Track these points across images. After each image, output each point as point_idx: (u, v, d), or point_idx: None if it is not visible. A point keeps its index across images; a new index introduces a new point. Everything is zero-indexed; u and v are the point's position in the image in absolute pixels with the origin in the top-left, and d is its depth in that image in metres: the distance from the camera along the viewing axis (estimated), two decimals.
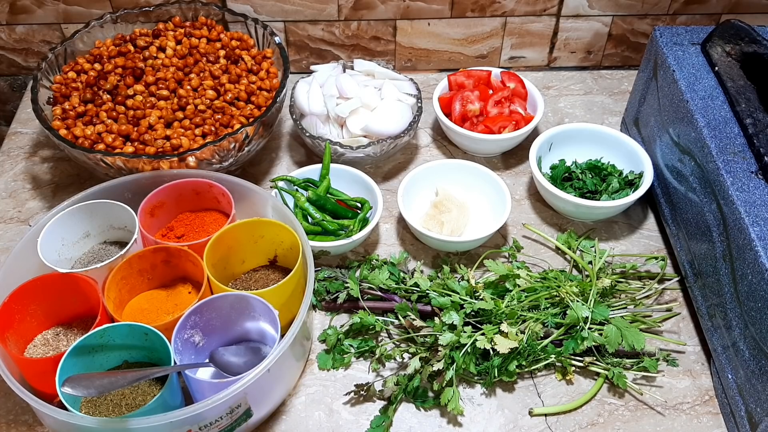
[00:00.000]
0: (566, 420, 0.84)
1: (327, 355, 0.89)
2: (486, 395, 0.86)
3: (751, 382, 0.76)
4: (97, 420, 0.70)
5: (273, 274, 0.94)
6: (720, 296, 0.83)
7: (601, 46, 1.29)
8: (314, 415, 0.84)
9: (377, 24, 1.23)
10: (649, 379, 0.87)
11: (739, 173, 0.82)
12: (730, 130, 0.88)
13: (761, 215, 0.77)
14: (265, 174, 1.13)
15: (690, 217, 0.91)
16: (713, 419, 0.84)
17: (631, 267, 0.96)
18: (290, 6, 1.20)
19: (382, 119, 1.06)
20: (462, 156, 1.15)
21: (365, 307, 0.90)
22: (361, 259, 1.00)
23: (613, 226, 1.05)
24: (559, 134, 1.08)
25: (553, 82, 1.29)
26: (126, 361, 0.83)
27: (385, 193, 1.08)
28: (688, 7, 1.23)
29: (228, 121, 1.02)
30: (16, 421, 0.83)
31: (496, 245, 1.02)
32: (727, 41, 0.98)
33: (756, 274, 0.74)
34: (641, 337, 0.84)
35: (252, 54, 1.11)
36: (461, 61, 1.30)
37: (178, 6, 1.13)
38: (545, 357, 0.86)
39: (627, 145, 1.06)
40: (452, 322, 0.85)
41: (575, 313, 0.85)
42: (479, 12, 1.22)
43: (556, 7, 1.22)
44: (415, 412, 0.84)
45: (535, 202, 1.09)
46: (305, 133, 1.06)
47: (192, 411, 0.69)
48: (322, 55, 1.28)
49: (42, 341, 0.85)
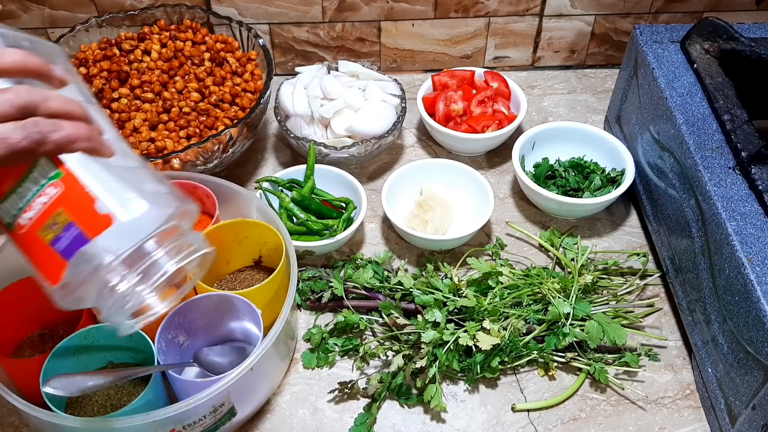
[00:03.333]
0: (549, 415, 0.84)
1: (311, 354, 0.89)
2: (469, 392, 0.86)
3: (730, 376, 0.77)
4: (81, 420, 0.71)
5: (258, 275, 0.95)
6: (699, 291, 0.84)
7: (585, 45, 1.30)
8: (299, 413, 0.85)
9: (362, 25, 1.24)
10: (631, 374, 0.88)
11: (717, 169, 0.83)
12: (709, 127, 0.89)
13: (738, 210, 0.78)
14: (250, 175, 1.13)
15: (670, 213, 0.92)
16: (694, 413, 0.85)
17: (613, 263, 0.96)
18: (275, 8, 1.20)
19: (366, 120, 1.07)
20: (446, 155, 1.16)
21: (349, 305, 0.91)
22: (346, 258, 1.00)
23: (596, 223, 1.06)
24: (542, 133, 1.09)
25: (538, 81, 1.30)
26: (111, 362, 0.83)
27: (370, 193, 1.08)
28: (669, 5, 1.24)
29: (212, 123, 1.02)
30: (2, 422, 0.84)
31: (479, 243, 1.03)
32: (706, 39, 0.99)
33: (733, 269, 0.75)
34: (623, 332, 0.85)
35: (237, 56, 1.12)
36: (446, 61, 1.31)
37: (163, 9, 1.14)
38: (527, 353, 0.87)
39: (609, 143, 1.07)
40: (435, 319, 0.85)
41: (557, 309, 0.86)
42: (463, 12, 1.23)
43: (539, 7, 1.23)
44: (399, 410, 0.85)
45: (518, 200, 1.10)
46: (290, 134, 1.07)
47: (175, 410, 0.70)
48: (307, 56, 1.28)
49: (28, 343, 0.85)
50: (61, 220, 0.49)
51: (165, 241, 0.52)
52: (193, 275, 0.58)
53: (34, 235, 0.49)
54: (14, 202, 0.50)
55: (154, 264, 0.52)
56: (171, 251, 0.52)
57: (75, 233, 0.48)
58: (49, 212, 0.49)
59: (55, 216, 0.49)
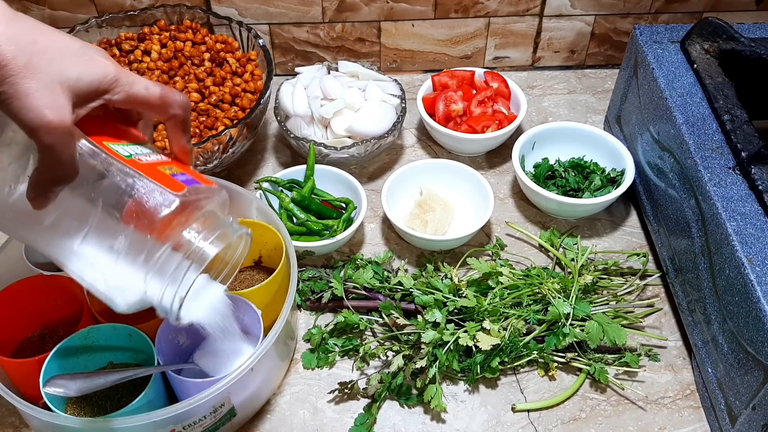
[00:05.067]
0: (549, 415, 0.84)
1: (311, 354, 0.89)
2: (469, 392, 0.86)
3: (730, 376, 0.77)
4: (81, 420, 0.71)
5: (258, 275, 0.95)
6: (699, 291, 0.84)
7: (585, 45, 1.30)
8: (299, 413, 0.85)
9: (362, 26, 1.24)
10: (631, 374, 0.88)
11: (717, 169, 0.83)
12: (708, 127, 0.89)
13: (738, 210, 0.78)
14: (250, 175, 1.13)
15: (670, 213, 0.92)
16: (694, 413, 0.85)
17: (613, 263, 0.96)
18: (275, 9, 1.20)
19: (365, 120, 1.07)
20: (446, 155, 1.16)
21: (349, 306, 0.91)
22: (346, 258, 1.00)
23: (596, 223, 1.06)
24: (542, 133, 1.09)
25: (537, 81, 1.30)
26: (111, 362, 0.83)
27: (370, 193, 1.08)
28: (669, 5, 1.24)
29: (212, 123, 1.02)
30: (2, 423, 0.84)
31: (479, 243, 1.03)
32: (706, 39, 0.99)
33: (733, 269, 0.75)
34: (623, 332, 0.85)
35: (236, 57, 1.12)
36: (446, 61, 1.31)
37: (163, 10, 1.14)
38: (527, 353, 0.87)
39: (609, 143, 1.07)
40: (435, 319, 0.85)
41: (557, 309, 0.86)
42: (462, 13, 1.23)
43: (539, 7, 1.23)
44: (399, 410, 0.85)
45: (518, 200, 1.10)
46: (290, 134, 1.07)
47: (175, 410, 0.70)
48: (307, 57, 1.28)
49: (28, 343, 0.85)
50: (175, 169, 0.61)
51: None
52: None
53: (155, 168, 0.59)
54: (138, 148, 0.61)
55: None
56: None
57: (188, 178, 0.61)
58: (165, 163, 0.62)
59: (170, 166, 0.61)
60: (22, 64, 0.49)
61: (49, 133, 0.50)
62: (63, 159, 0.52)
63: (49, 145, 0.51)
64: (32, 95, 0.49)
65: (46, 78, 0.50)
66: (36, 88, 0.49)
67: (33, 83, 0.49)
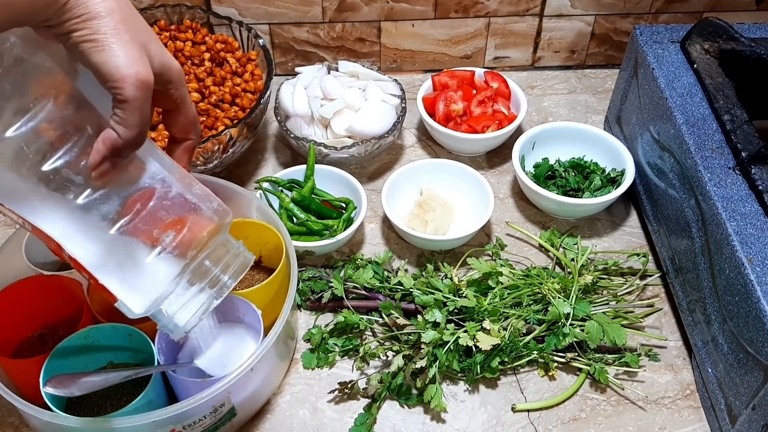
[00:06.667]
0: (549, 415, 0.84)
1: (311, 354, 0.89)
2: (469, 392, 0.86)
3: (730, 376, 0.77)
4: (81, 420, 0.71)
5: (258, 275, 0.95)
6: (699, 291, 0.84)
7: (585, 45, 1.30)
8: (299, 413, 0.85)
9: (362, 26, 1.24)
10: (631, 374, 0.88)
11: (717, 169, 0.83)
12: (709, 127, 0.89)
13: (738, 210, 0.78)
14: (251, 175, 1.13)
15: (670, 213, 0.92)
16: (694, 413, 0.85)
17: (613, 263, 0.96)
18: (275, 8, 1.20)
19: (365, 120, 1.07)
20: (446, 155, 1.16)
21: (349, 306, 0.91)
22: (346, 258, 1.00)
23: (596, 223, 1.06)
24: (542, 133, 1.09)
25: (538, 81, 1.30)
26: (111, 362, 0.83)
27: (371, 193, 1.08)
28: (670, 5, 1.24)
29: (212, 123, 1.02)
30: (2, 422, 0.84)
31: (480, 243, 1.03)
32: (706, 39, 0.99)
33: (733, 269, 0.75)
34: (623, 332, 0.85)
35: (237, 56, 1.11)
36: (446, 61, 1.31)
37: (163, 9, 1.14)
38: (527, 353, 0.87)
39: (609, 143, 1.07)
40: (435, 319, 0.85)
41: (557, 309, 0.86)
42: (463, 13, 1.23)
43: (539, 7, 1.23)
44: (399, 410, 0.85)
45: (518, 200, 1.10)
46: (290, 134, 1.07)
47: (175, 410, 0.70)
48: (307, 57, 1.28)
49: (28, 343, 0.85)
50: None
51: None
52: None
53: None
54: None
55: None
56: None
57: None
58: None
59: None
60: (119, 17, 0.51)
61: (136, 85, 0.51)
62: (143, 117, 0.53)
63: (134, 98, 0.51)
64: (126, 47, 0.51)
65: (138, 38, 0.52)
66: (129, 41, 0.51)
67: (127, 36, 0.51)
